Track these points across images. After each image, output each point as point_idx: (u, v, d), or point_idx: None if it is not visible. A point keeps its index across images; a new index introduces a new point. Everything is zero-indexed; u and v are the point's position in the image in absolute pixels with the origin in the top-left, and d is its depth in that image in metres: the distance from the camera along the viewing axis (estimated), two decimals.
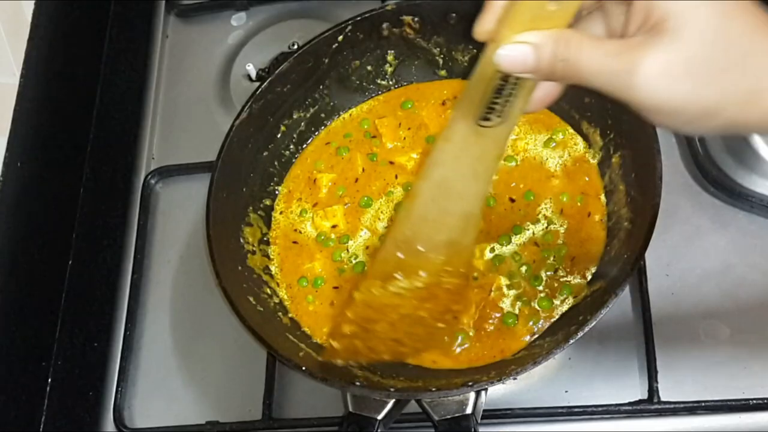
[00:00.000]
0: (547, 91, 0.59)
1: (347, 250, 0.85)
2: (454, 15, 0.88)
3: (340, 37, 0.88)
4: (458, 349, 0.78)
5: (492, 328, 0.78)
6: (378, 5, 0.89)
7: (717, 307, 0.82)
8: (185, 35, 1.09)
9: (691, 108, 0.50)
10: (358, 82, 0.92)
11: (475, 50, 0.90)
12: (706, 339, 0.80)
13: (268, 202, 0.89)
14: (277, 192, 0.90)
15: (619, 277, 0.72)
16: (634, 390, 0.79)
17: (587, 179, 0.84)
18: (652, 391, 0.77)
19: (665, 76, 0.49)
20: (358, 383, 0.73)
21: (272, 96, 0.87)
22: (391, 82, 0.94)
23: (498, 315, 0.78)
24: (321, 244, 0.86)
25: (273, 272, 0.85)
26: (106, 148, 1.04)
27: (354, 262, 0.84)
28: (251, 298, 0.80)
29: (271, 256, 0.86)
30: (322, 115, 0.92)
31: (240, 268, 0.82)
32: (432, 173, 0.64)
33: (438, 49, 0.91)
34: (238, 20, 1.08)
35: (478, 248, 0.81)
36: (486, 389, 0.72)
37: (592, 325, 0.69)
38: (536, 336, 0.77)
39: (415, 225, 0.68)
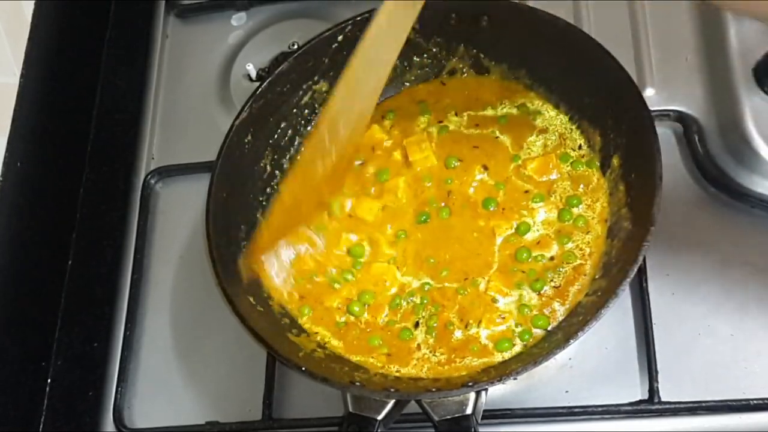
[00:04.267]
0: None
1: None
2: (454, 15, 0.88)
3: (340, 37, 0.88)
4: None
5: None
6: (378, 5, 0.89)
7: (717, 307, 0.81)
8: (185, 35, 1.09)
9: None
10: None
11: (475, 50, 0.90)
12: (706, 339, 0.80)
13: (267, 203, 0.89)
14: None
15: (619, 277, 0.72)
16: (634, 390, 0.79)
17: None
18: (652, 391, 0.77)
19: None
20: (358, 383, 0.73)
21: (272, 96, 0.87)
22: (391, 83, 0.94)
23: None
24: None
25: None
26: (106, 148, 1.04)
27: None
28: (251, 298, 0.80)
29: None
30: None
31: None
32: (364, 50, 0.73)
33: (438, 49, 0.91)
34: (238, 20, 1.08)
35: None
36: (486, 389, 0.72)
37: (593, 325, 0.69)
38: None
39: (345, 101, 0.75)
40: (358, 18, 0.87)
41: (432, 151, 0.87)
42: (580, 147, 0.85)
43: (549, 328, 0.77)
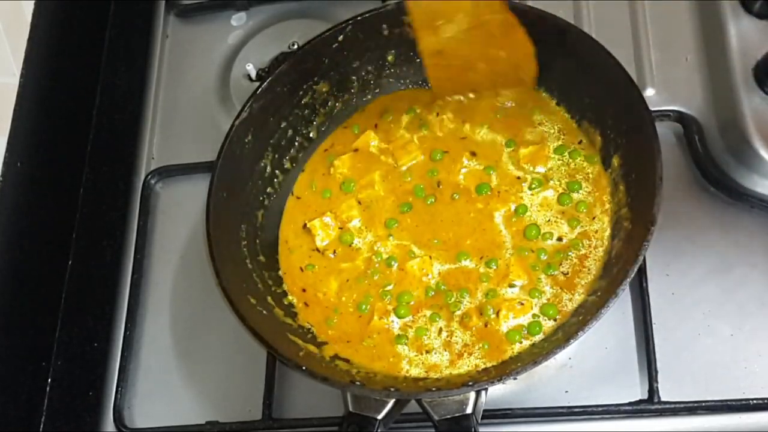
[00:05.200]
0: None
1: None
2: None
3: (340, 37, 0.88)
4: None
5: None
6: (378, 5, 0.89)
7: (717, 307, 0.82)
8: (185, 35, 1.09)
9: None
10: (358, 82, 0.92)
11: None
12: (706, 339, 0.80)
13: (268, 202, 0.89)
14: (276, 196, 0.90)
15: (619, 277, 0.72)
16: (634, 390, 0.79)
17: None
18: (652, 391, 0.77)
19: None
20: (358, 383, 0.73)
21: (272, 96, 0.87)
22: (391, 83, 0.94)
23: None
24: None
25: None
26: (106, 148, 1.04)
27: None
28: (251, 298, 0.80)
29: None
30: (321, 115, 0.92)
31: (240, 268, 0.82)
32: None
33: None
34: (238, 20, 1.08)
35: None
36: (486, 389, 0.72)
37: (593, 325, 0.69)
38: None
39: None
40: (359, 18, 0.87)
41: (417, 148, 0.88)
42: (580, 142, 0.85)
43: (557, 317, 0.77)
